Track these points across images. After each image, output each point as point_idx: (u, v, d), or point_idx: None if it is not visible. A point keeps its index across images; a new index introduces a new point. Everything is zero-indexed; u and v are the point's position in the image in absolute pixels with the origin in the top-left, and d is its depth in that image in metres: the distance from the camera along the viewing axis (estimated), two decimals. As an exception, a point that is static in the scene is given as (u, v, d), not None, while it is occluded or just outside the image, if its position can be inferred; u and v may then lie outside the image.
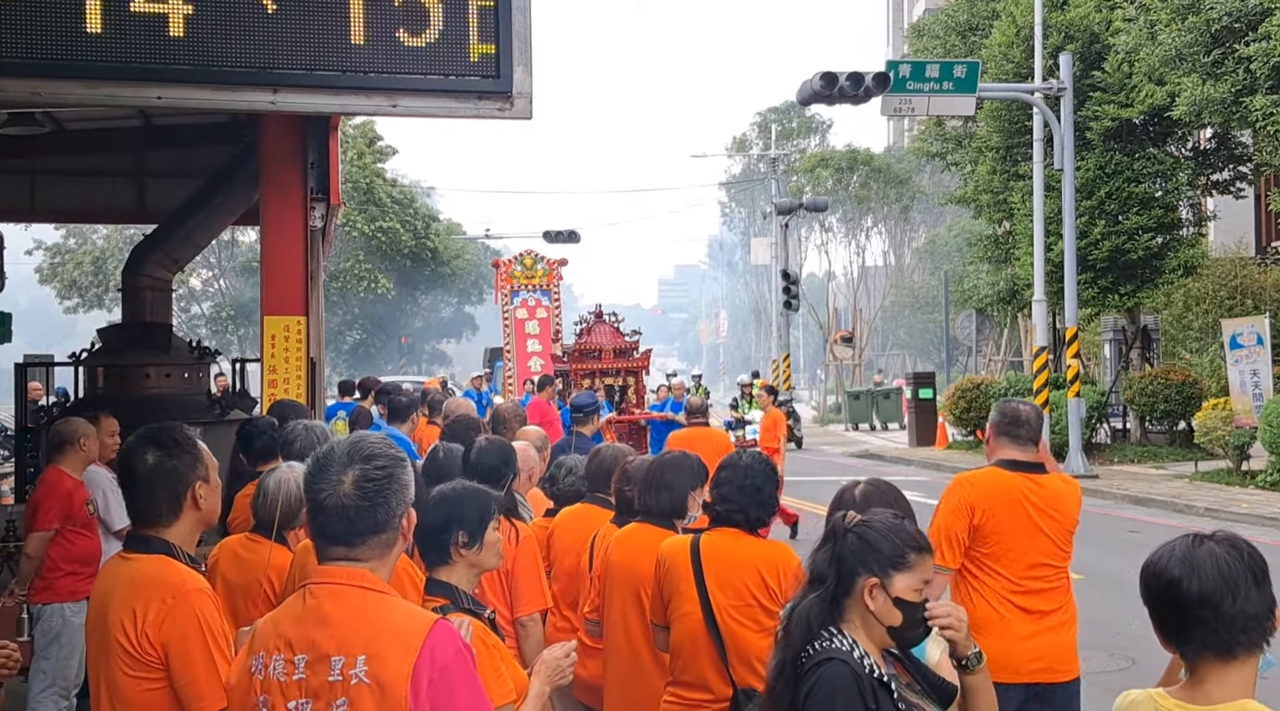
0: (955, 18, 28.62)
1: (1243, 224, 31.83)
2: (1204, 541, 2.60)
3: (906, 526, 3.04)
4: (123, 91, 5.55)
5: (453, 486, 3.89)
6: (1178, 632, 2.58)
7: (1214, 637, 2.52)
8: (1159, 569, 2.61)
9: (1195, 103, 18.81)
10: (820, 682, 2.83)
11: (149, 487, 3.45)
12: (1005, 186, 25.63)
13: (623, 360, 16.84)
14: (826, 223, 57.50)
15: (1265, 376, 19.14)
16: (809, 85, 19.56)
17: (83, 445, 6.98)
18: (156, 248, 11.41)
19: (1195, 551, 2.57)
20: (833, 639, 2.92)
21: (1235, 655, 2.52)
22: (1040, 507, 4.92)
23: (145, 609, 3.28)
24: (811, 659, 2.89)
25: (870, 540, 2.98)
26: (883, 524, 3.03)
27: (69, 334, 51.07)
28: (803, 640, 2.94)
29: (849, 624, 2.95)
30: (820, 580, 2.99)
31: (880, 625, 2.94)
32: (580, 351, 16.70)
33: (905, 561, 2.96)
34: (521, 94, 5.76)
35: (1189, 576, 2.54)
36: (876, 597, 2.93)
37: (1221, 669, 2.53)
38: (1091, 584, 11.86)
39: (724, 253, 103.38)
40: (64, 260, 45.94)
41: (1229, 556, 2.55)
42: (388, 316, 54.38)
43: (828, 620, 2.96)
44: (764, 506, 4.37)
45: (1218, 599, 2.51)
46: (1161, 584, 2.59)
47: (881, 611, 2.93)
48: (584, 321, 17.61)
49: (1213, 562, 2.54)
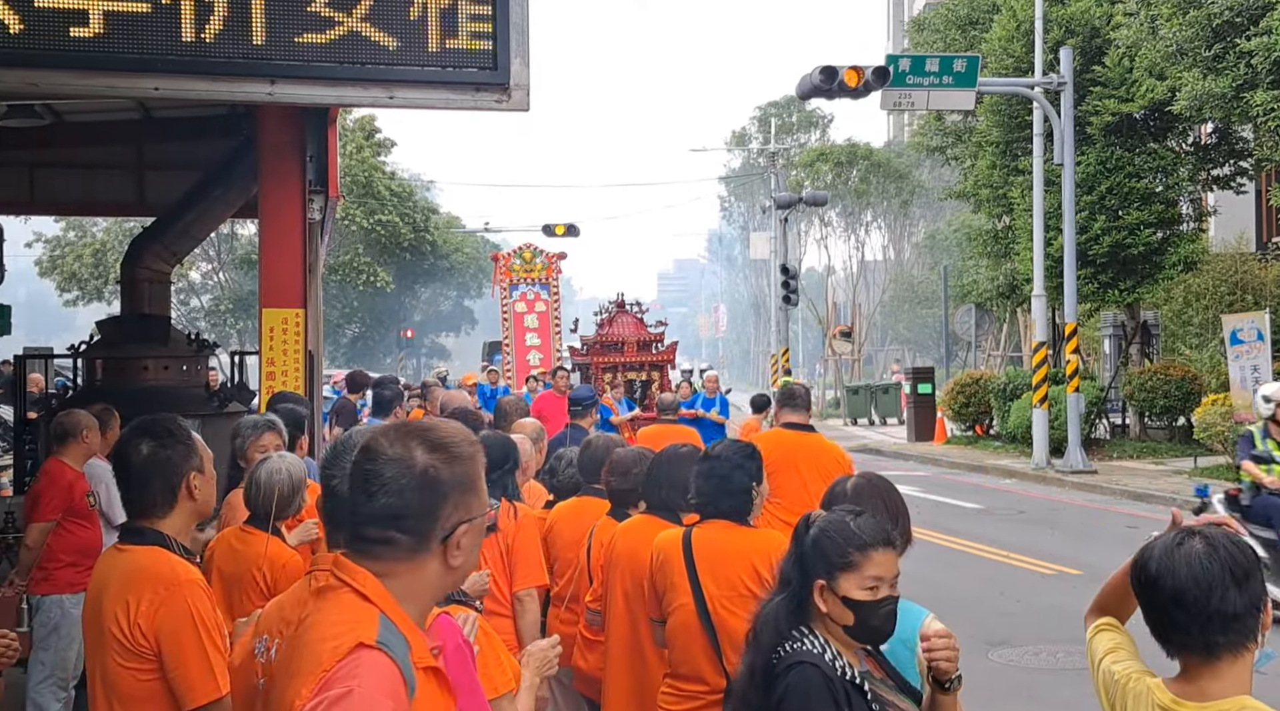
0: (955, 12, 28.59)
1: (1243, 219, 31.80)
2: (1186, 539, 2.55)
3: (854, 524, 3.01)
4: (120, 82, 5.54)
5: None
6: (1157, 630, 2.56)
7: (1190, 638, 2.49)
8: (1140, 564, 2.59)
9: (1196, 97, 18.79)
10: (792, 689, 2.82)
11: (143, 478, 3.47)
12: (1005, 181, 25.61)
13: (646, 353, 15.69)
14: (826, 217, 57.45)
15: (1266, 372, 19.11)
16: (809, 79, 19.53)
17: (85, 437, 7.01)
18: (155, 240, 11.41)
19: (1174, 550, 2.53)
20: (803, 639, 2.92)
21: (1217, 655, 2.48)
22: (806, 455, 7.07)
23: (138, 600, 3.30)
24: (782, 661, 2.88)
25: (817, 541, 2.99)
26: (831, 523, 3.02)
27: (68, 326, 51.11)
28: (772, 643, 2.95)
29: (819, 625, 2.96)
30: (787, 582, 3.01)
31: (837, 624, 2.95)
32: (601, 344, 15.59)
33: (848, 561, 2.95)
34: (519, 86, 5.75)
35: (1164, 575, 2.51)
36: (826, 599, 2.94)
37: (1211, 665, 2.49)
38: (1090, 579, 11.89)
39: (723, 247, 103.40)
40: (64, 253, 45.92)
41: (1206, 556, 2.49)
42: (387, 310, 54.39)
43: (796, 621, 2.96)
44: (734, 495, 4.36)
45: (1190, 600, 2.47)
46: (1143, 582, 2.57)
47: (833, 612, 2.94)
48: (605, 311, 16.33)
49: (1187, 563, 2.49)
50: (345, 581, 2.21)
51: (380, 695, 2.04)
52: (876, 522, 3.06)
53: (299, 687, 2.10)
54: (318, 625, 2.19)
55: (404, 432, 2.25)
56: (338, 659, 2.08)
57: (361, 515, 2.21)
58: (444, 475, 2.21)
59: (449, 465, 2.22)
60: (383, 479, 2.18)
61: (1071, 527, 14.33)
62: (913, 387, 31.36)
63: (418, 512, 2.19)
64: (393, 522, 2.19)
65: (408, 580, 2.22)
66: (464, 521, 2.25)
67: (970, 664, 8.39)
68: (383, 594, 2.19)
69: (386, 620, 2.16)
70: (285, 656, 2.27)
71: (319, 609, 2.23)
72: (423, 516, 2.20)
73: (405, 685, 2.12)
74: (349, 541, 2.26)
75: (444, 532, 2.22)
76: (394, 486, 2.18)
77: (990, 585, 11.48)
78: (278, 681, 2.26)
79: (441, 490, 2.21)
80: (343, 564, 2.25)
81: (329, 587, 2.25)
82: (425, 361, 63.88)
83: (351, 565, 2.23)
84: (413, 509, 2.19)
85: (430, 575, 2.25)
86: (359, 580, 2.20)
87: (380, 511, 2.18)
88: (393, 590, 2.22)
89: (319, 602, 2.25)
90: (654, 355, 15.57)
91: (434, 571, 2.25)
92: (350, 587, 2.20)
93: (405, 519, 2.19)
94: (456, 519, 2.23)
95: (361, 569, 2.21)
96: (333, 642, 2.11)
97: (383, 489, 2.18)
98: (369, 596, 2.18)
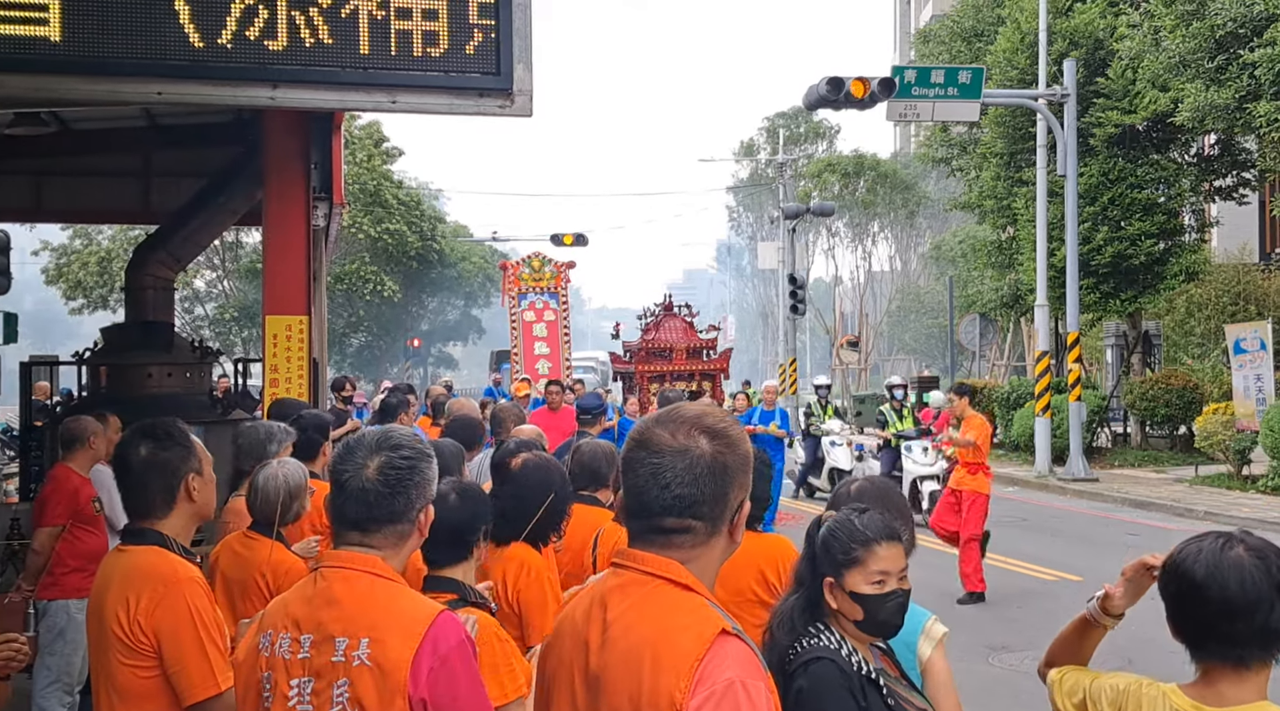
0: (961, 24, 28.68)
1: (1246, 230, 31.80)
2: (1232, 545, 2.46)
3: (858, 521, 3.06)
4: (124, 87, 5.58)
5: (469, 484, 3.89)
6: (1192, 637, 2.49)
7: (1230, 651, 2.43)
8: (1183, 569, 2.49)
9: (1199, 108, 18.82)
10: (809, 683, 2.84)
11: (143, 480, 3.51)
12: (1009, 192, 25.65)
13: (697, 361, 14.01)
14: (833, 227, 57.56)
15: (1268, 381, 19.13)
16: (815, 90, 19.58)
17: (91, 444, 7.05)
18: (159, 247, 11.45)
19: (1222, 556, 2.44)
20: (819, 635, 2.96)
21: (1249, 665, 2.43)
22: None
23: (138, 598, 3.34)
24: (799, 657, 2.91)
25: (824, 540, 3.06)
26: (837, 522, 3.09)
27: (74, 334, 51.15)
28: (788, 641, 2.98)
29: (833, 621, 3.02)
30: (801, 582, 3.08)
31: (848, 619, 3.00)
32: (647, 350, 13.97)
33: (854, 556, 3.01)
34: (522, 91, 5.78)
35: (1212, 585, 2.42)
36: (836, 595, 3.01)
37: (1239, 673, 2.44)
38: (1091, 585, 11.87)
39: (732, 257, 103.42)
40: (69, 261, 45.98)
41: (1256, 569, 2.41)
42: (393, 319, 54.36)
43: (812, 618, 3.00)
44: (756, 502, 4.37)
45: (1238, 614, 2.39)
46: (1183, 586, 2.48)
47: (843, 608, 3.00)
48: (651, 315, 14.57)
49: (1238, 575, 2.40)
50: (657, 574, 2.25)
51: (757, 679, 2.12)
52: (882, 518, 3.10)
53: (660, 682, 2.11)
54: (647, 619, 2.21)
55: (678, 423, 2.30)
56: (706, 646, 2.12)
57: (656, 507, 2.25)
58: (729, 460, 2.28)
59: (731, 449, 2.29)
60: (675, 470, 2.24)
61: (1073, 535, 14.33)
62: (918, 397, 31.34)
63: (712, 498, 2.26)
64: (689, 511, 2.25)
65: (703, 562, 2.28)
66: (744, 498, 2.33)
67: (971, 667, 8.47)
68: (696, 580, 2.25)
69: (713, 605, 2.24)
70: (602, 661, 2.24)
71: (634, 605, 2.24)
72: (717, 501, 2.27)
73: (763, 665, 2.19)
74: (641, 533, 2.30)
75: (732, 512, 2.30)
76: (688, 476, 2.24)
77: (992, 590, 11.47)
78: (604, 681, 2.23)
79: (730, 474, 2.28)
80: (643, 557, 2.28)
81: (632, 582, 2.27)
82: (432, 371, 63.87)
83: (655, 557, 2.26)
84: (708, 495, 2.25)
85: (719, 553, 2.32)
86: (673, 571, 2.24)
87: (675, 502, 2.24)
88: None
89: (624, 597, 2.27)
90: (705, 363, 13.93)
91: (721, 549, 2.32)
92: (664, 579, 2.24)
93: (702, 505, 2.25)
94: (740, 497, 2.32)
95: (670, 560, 2.25)
96: (694, 632, 2.15)
97: (676, 480, 2.24)
98: (689, 585, 2.24)
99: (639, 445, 2.30)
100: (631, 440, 2.34)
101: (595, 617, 2.30)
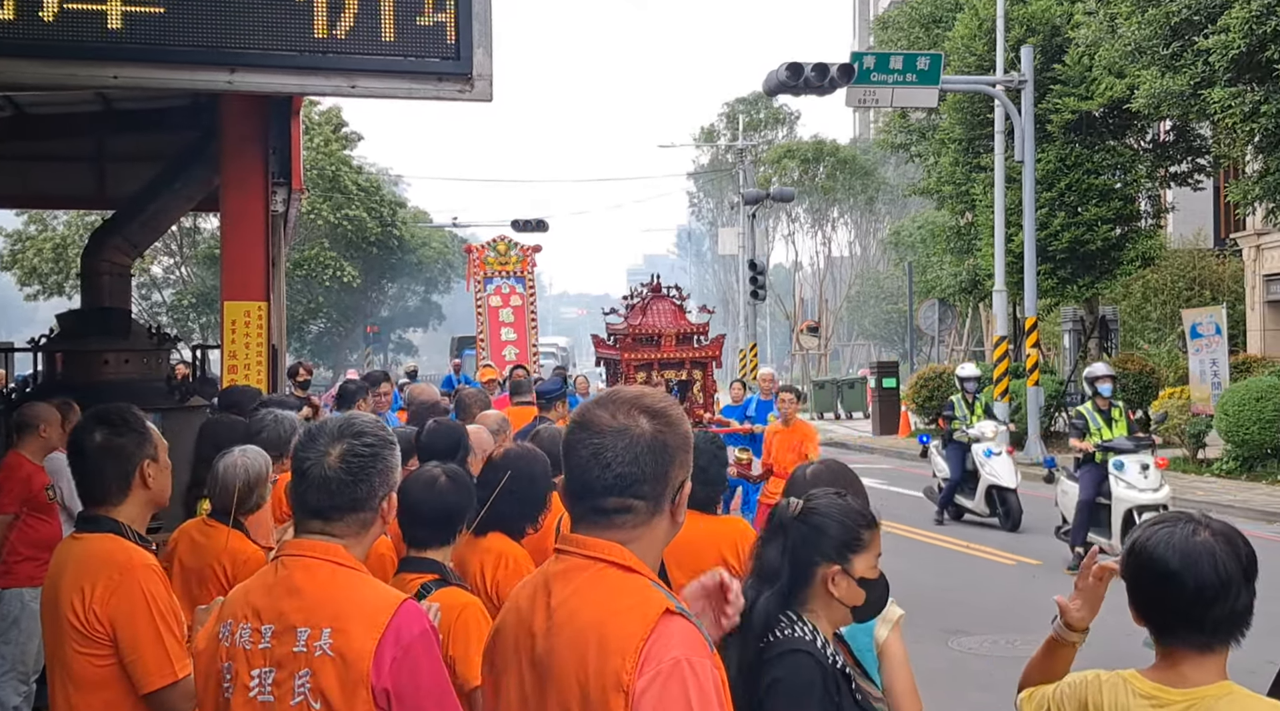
0: (919, 10, 28.80)
1: (1201, 216, 32.17)
2: (1198, 530, 2.47)
3: (852, 504, 3.00)
4: (79, 70, 5.50)
5: (459, 469, 3.90)
6: (1160, 623, 2.51)
7: (1199, 636, 2.45)
8: (1155, 557, 2.48)
9: (1154, 95, 18.99)
10: (786, 676, 2.77)
11: (98, 466, 3.47)
12: (967, 178, 25.80)
13: (687, 348, 12.95)
14: (793, 213, 57.68)
15: (1224, 365, 19.40)
16: (775, 75, 19.63)
17: (43, 431, 6.97)
18: (115, 233, 11.31)
19: (1192, 542, 2.45)
20: (793, 626, 2.85)
21: (1214, 648, 2.46)
22: None
23: (93, 586, 3.30)
24: (773, 648, 2.81)
25: (821, 526, 2.93)
26: (830, 507, 2.97)
27: (30, 321, 50.53)
28: (760, 631, 2.87)
29: (810, 612, 2.90)
30: (774, 575, 2.91)
31: (843, 606, 2.92)
32: (633, 336, 12.94)
33: (860, 542, 2.93)
34: (481, 76, 5.74)
35: (1185, 573, 2.42)
36: (840, 583, 2.89)
37: (1199, 656, 2.47)
38: (1049, 569, 12.03)
39: (692, 242, 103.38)
40: (24, 247, 45.36)
41: (1226, 555, 2.43)
42: (353, 305, 54.03)
43: (782, 608, 2.90)
44: (711, 485, 4.40)
45: (1211, 600, 2.41)
46: (1154, 574, 2.48)
47: (847, 595, 2.90)
48: (637, 297, 13.60)
49: (1211, 561, 2.42)
50: (600, 557, 2.25)
51: (703, 657, 2.12)
52: (862, 502, 3.07)
53: (607, 664, 2.12)
54: (591, 603, 2.20)
55: (618, 404, 2.30)
56: (650, 626, 2.12)
57: (597, 488, 2.25)
58: (669, 439, 2.28)
59: (671, 428, 2.29)
60: (616, 450, 2.24)
61: (1031, 519, 14.47)
62: (877, 382, 31.55)
63: (653, 477, 2.26)
64: (629, 490, 2.25)
65: (645, 543, 2.28)
66: (685, 478, 2.33)
67: (930, 651, 8.56)
68: (638, 562, 2.25)
69: (658, 586, 2.23)
70: (548, 646, 2.24)
71: (577, 590, 2.24)
72: (658, 480, 2.27)
73: (708, 643, 2.19)
74: (583, 515, 2.30)
75: (674, 492, 2.30)
76: (627, 455, 2.24)
77: (951, 575, 11.58)
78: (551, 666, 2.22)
79: (670, 453, 2.28)
80: (585, 542, 2.27)
81: (575, 567, 2.27)
82: (392, 356, 63.56)
83: (597, 541, 2.26)
84: (648, 474, 2.25)
85: (661, 533, 2.33)
86: (615, 554, 2.24)
87: (616, 482, 2.24)
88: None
89: (567, 582, 2.26)
90: (695, 350, 12.85)
91: (664, 529, 2.33)
92: (607, 562, 2.24)
93: (643, 484, 2.25)
94: (681, 477, 2.32)
95: (611, 543, 2.25)
96: (639, 612, 2.14)
97: (617, 459, 2.23)
98: (632, 567, 2.23)
99: (580, 427, 2.30)
100: (572, 422, 2.34)
101: (540, 604, 2.29)
